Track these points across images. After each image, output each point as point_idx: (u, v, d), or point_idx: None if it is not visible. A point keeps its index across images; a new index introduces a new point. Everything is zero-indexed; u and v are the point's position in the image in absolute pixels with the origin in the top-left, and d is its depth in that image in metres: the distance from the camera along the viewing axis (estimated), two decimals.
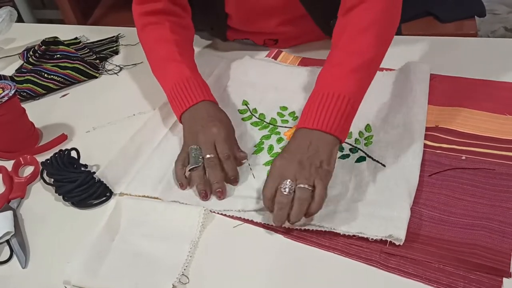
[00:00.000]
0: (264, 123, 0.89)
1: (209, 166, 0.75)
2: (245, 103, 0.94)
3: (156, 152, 0.84)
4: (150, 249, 0.68)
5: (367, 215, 0.67)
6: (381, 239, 0.64)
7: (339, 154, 0.79)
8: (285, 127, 0.87)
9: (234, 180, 0.76)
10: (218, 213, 0.73)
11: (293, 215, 0.66)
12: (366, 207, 0.69)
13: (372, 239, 0.65)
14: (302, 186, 0.66)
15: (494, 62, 0.96)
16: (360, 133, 0.83)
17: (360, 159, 0.78)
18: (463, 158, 0.75)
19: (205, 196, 0.74)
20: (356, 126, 0.83)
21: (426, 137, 0.79)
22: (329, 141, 0.70)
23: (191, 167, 0.75)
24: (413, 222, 0.66)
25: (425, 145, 0.78)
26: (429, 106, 0.85)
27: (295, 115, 0.90)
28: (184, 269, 0.65)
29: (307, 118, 0.72)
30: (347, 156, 0.79)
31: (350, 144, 0.81)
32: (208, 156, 0.75)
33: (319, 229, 0.67)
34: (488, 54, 0.99)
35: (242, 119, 0.91)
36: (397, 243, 0.63)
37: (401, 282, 0.60)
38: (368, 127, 0.83)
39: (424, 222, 0.66)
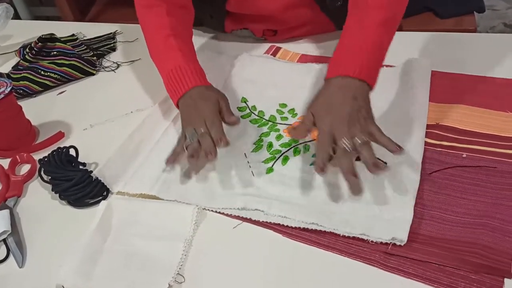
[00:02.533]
0: (263, 120, 0.89)
1: (201, 138, 0.78)
2: (244, 100, 0.94)
3: (154, 150, 0.84)
4: (143, 249, 0.68)
5: (369, 216, 0.67)
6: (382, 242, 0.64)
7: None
8: (285, 124, 0.87)
9: (220, 141, 0.77)
10: (217, 212, 0.72)
11: (370, 162, 0.67)
12: (368, 208, 0.68)
13: (373, 241, 0.64)
14: (362, 141, 0.68)
15: (493, 58, 0.95)
16: None
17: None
18: (464, 156, 0.74)
19: (191, 157, 0.76)
20: None
21: (427, 134, 0.79)
22: (365, 88, 0.74)
23: (187, 145, 0.79)
24: (413, 221, 0.65)
25: (426, 143, 0.77)
26: (429, 104, 0.85)
27: (295, 112, 0.89)
28: (180, 268, 0.65)
29: (340, 67, 0.75)
30: None
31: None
32: (200, 131, 0.79)
33: (320, 229, 0.67)
34: (487, 50, 0.98)
35: (241, 116, 0.90)
36: (398, 243, 0.63)
37: (401, 282, 0.60)
38: None
39: (424, 221, 0.66)
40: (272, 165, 0.79)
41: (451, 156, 0.75)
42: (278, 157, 0.80)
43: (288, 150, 0.81)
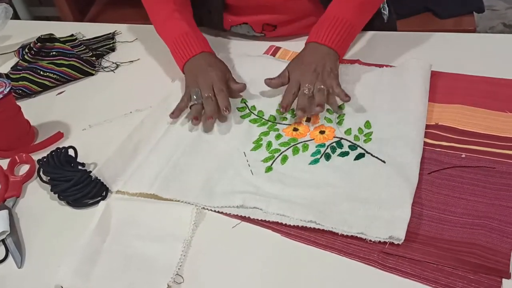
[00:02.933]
0: (263, 120, 0.89)
1: (206, 102, 0.88)
2: (244, 101, 0.94)
3: (154, 150, 0.84)
4: (142, 250, 0.68)
5: (367, 215, 0.67)
6: (380, 241, 0.64)
7: (338, 151, 0.79)
8: (284, 124, 0.87)
9: (226, 109, 0.86)
10: (215, 211, 0.72)
11: (318, 101, 0.84)
12: (366, 207, 0.68)
13: (371, 240, 0.64)
14: (319, 87, 0.85)
15: (492, 58, 0.95)
16: (360, 129, 0.82)
17: (359, 156, 0.77)
18: (463, 156, 0.74)
19: (195, 119, 0.86)
20: (356, 122, 0.83)
21: (426, 134, 0.79)
22: (333, 54, 0.89)
23: (191, 104, 0.88)
24: (412, 222, 0.65)
25: (425, 143, 0.77)
26: (429, 103, 0.85)
27: (294, 112, 0.89)
28: (178, 269, 0.65)
29: (318, 35, 0.90)
30: (347, 153, 0.78)
31: (349, 141, 0.80)
32: (206, 94, 0.88)
33: (318, 227, 0.67)
34: (486, 50, 0.98)
35: (241, 116, 0.90)
36: (396, 243, 0.63)
37: (399, 282, 0.60)
38: (367, 124, 0.83)
39: (423, 221, 0.66)
40: (271, 164, 0.79)
41: (450, 156, 0.75)
42: (277, 156, 0.80)
43: (287, 149, 0.81)
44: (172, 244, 0.67)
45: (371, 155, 0.76)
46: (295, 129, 0.85)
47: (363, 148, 0.78)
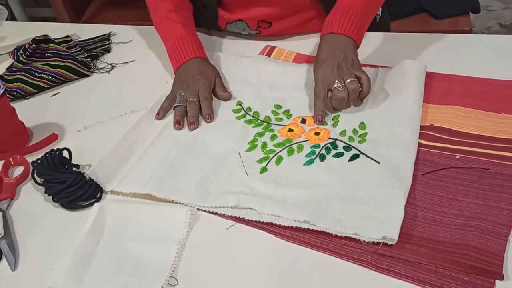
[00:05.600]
0: (258, 121, 0.89)
1: (189, 106, 0.90)
2: (239, 103, 0.93)
3: (148, 151, 0.83)
4: (136, 252, 0.67)
5: (361, 216, 0.67)
6: (374, 242, 0.64)
7: (333, 152, 0.79)
8: (279, 125, 0.87)
9: (209, 117, 0.89)
10: (209, 211, 0.72)
11: (352, 100, 0.85)
12: (360, 207, 0.68)
13: (365, 241, 0.64)
14: (350, 80, 0.83)
15: (488, 58, 0.95)
16: (354, 130, 0.82)
17: (354, 157, 0.77)
18: (457, 157, 0.74)
19: (178, 123, 0.88)
20: (350, 124, 0.83)
21: (420, 135, 0.79)
22: (351, 43, 0.89)
23: (176, 105, 0.91)
24: (405, 223, 0.65)
25: (419, 144, 0.77)
26: (423, 105, 0.85)
27: (289, 113, 0.89)
28: (173, 271, 0.64)
29: (332, 25, 0.90)
30: (341, 154, 0.78)
31: (344, 142, 0.80)
32: (190, 99, 0.91)
33: (312, 228, 0.67)
34: (482, 51, 0.98)
35: (236, 117, 0.90)
36: (389, 243, 0.63)
37: (392, 283, 0.60)
38: (362, 125, 0.83)
39: (417, 223, 0.66)
40: (266, 165, 0.79)
41: (445, 157, 0.75)
42: (272, 157, 0.80)
43: (282, 150, 0.81)
44: (167, 246, 0.67)
45: (366, 155, 0.76)
46: (290, 130, 0.85)
47: (357, 149, 0.78)
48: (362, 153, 0.77)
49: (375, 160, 0.75)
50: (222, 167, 0.79)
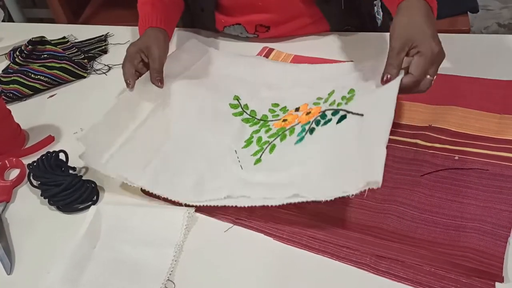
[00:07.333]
0: (255, 119, 0.88)
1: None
2: (236, 98, 0.93)
3: (140, 130, 0.83)
4: (133, 255, 0.67)
5: (346, 170, 0.65)
6: (361, 192, 0.60)
7: (322, 122, 0.77)
8: (276, 120, 0.86)
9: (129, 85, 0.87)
10: (207, 215, 0.72)
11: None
12: (346, 164, 0.66)
13: (353, 195, 0.61)
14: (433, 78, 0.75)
15: (487, 58, 0.95)
16: (343, 97, 0.80)
17: (341, 118, 0.75)
18: (456, 158, 0.74)
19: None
20: (340, 92, 0.81)
21: (419, 136, 0.78)
22: (431, 12, 0.81)
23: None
24: (405, 224, 0.65)
25: (418, 145, 0.77)
26: (422, 105, 0.84)
27: (287, 109, 0.88)
28: (170, 274, 0.64)
29: None
30: (329, 120, 0.77)
31: (333, 109, 0.78)
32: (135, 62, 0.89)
33: (301, 200, 0.65)
34: (481, 50, 0.98)
35: (233, 114, 0.89)
36: (375, 187, 0.59)
37: (392, 286, 0.59)
38: (351, 91, 0.80)
39: (415, 224, 0.66)
40: (260, 156, 0.79)
41: (443, 158, 0.74)
42: (266, 147, 0.80)
43: (275, 139, 0.81)
44: (163, 249, 0.67)
45: (352, 113, 0.74)
46: (284, 120, 0.84)
47: (344, 110, 0.76)
48: (349, 112, 0.75)
49: (359, 114, 0.73)
50: (218, 165, 0.79)
